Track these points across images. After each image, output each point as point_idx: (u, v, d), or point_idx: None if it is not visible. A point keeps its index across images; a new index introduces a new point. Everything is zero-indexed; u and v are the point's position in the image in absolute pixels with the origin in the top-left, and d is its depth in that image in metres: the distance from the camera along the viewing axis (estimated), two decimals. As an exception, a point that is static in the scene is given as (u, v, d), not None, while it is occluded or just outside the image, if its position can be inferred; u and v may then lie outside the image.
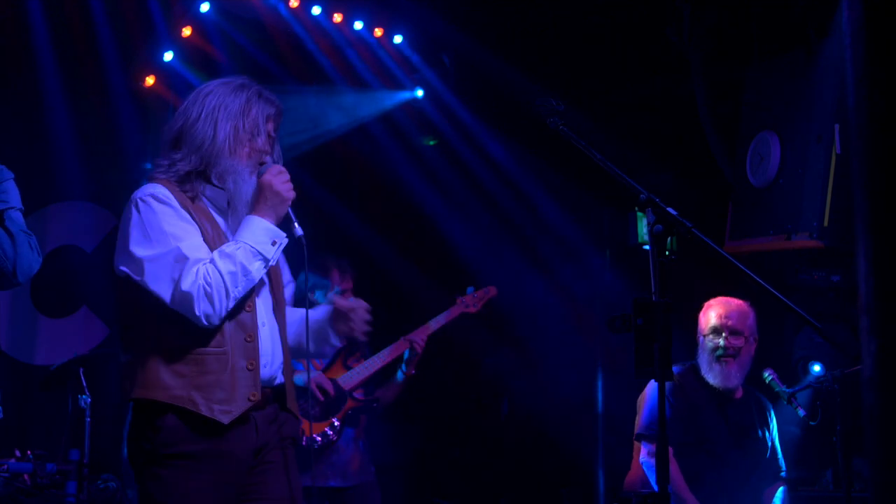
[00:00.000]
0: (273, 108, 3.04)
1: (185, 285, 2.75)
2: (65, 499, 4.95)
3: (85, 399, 5.18)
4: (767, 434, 4.49)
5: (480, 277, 5.76)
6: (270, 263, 2.91)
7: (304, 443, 5.04)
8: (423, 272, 6.91)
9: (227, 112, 2.92)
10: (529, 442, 7.12)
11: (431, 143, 7.30)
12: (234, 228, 2.93)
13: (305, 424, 5.08)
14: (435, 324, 5.31)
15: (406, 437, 6.85)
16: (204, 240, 2.86)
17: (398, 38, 6.72)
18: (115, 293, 2.95)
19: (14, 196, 3.24)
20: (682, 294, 3.31)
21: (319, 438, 5.06)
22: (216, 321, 2.80)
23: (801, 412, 4.33)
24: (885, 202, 1.57)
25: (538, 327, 6.87)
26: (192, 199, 2.91)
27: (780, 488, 4.45)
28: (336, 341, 3.21)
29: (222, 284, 2.77)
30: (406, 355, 5.25)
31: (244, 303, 2.88)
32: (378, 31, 6.64)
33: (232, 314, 2.84)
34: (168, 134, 2.99)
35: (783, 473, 4.48)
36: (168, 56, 6.19)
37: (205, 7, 6.11)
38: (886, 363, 1.56)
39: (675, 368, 4.26)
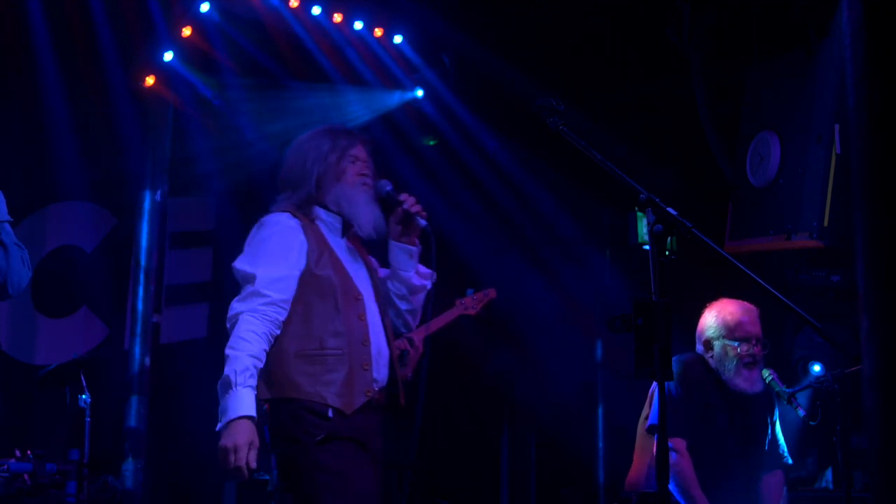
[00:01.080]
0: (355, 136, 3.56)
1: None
2: (65, 499, 4.95)
3: (85, 399, 5.18)
4: (772, 426, 4.47)
5: (480, 277, 5.76)
6: (223, 410, 3.13)
7: None
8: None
9: (318, 152, 3.46)
10: (529, 441, 7.12)
11: (431, 143, 7.30)
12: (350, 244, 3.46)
13: None
14: (433, 325, 5.29)
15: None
16: (309, 260, 3.30)
17: (398, 38, 6.72)
18: None
19: (3, 209, 3.26)
20: (682, 294, 3.31)
21: None
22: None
23: (801, 412, 4.32)
24: (885, 202, 1.57)
25: (538, 328, 6.87)
26: (311, 221, 3.39)
27: (781, 475, 4.42)
28: (408, 259, 3.60)
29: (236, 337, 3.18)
30: (403, 357, 5.24)
31: (357, 313, 3.33)
32: (378, 31, 6.64)
33: (349, 322, 3.28)
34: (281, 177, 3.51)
35: (786, 460, 4.45)
36: (168, 56, 6.19)
37: (205, 7, 6.10)
38: (886, 363, 1.56)
39: (683, 357, 4.27)
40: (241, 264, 3.30)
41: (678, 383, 4.18)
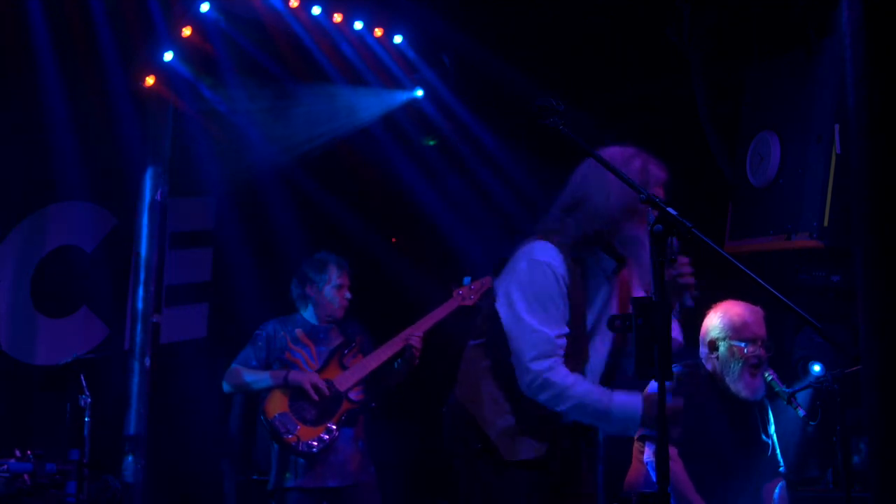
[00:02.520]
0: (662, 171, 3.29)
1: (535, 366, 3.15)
2: (65, 499, 4.95)
3: (85, 399, 5.18)
4: (769, 434, 4.47)
5: (481, 278, 5.74)
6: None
7: (300, 448, 5.03)
8: (424, 272, 6.91)
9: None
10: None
11: (431, 143, 7.30)
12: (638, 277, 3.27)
13: (302, 429, 5.06)
14: (432, 318, 5.28)
15: (406, 437, 6.85)
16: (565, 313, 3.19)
17: (398, 38, 6.72)
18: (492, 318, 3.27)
19: None
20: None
21: (316, 444, 5.04)
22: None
23: (801, 412, 4.31)
24: (885, 202, 1.57)
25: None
26: (576, 263, 3.21)
27: (780, 483, 4.42)
28: None
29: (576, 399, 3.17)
30: (404, 352, 5.24)
31: (579, 369, 3.25)
32: (378, 31, 6.64)
33: (577, 361, 3.23)
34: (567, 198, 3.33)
35: (782, 469, 4.45)
36: (168, 56, 6.18)
37: (205, 7, 6.10)
38: (886, 363, 1.56)
39: (675, 368, 4.24)
40: (529, 317, 3.17)
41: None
